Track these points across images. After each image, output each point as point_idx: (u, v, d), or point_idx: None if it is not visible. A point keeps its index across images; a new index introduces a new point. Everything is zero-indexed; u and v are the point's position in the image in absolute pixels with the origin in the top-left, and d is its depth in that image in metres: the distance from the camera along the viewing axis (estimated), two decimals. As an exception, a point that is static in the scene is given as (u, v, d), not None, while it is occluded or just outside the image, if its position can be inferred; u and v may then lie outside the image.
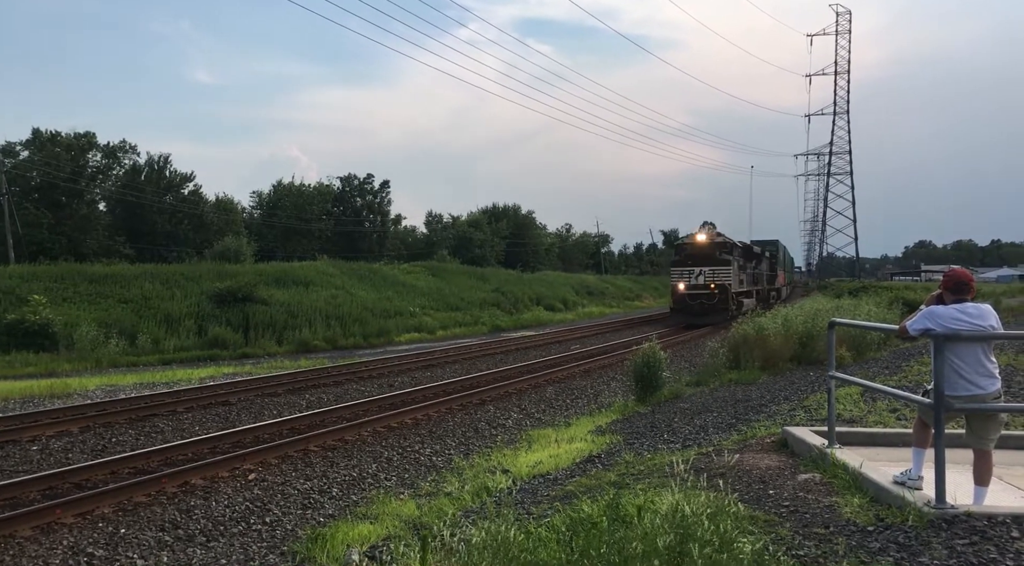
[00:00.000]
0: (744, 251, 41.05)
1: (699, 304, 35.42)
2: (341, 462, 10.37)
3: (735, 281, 36.70)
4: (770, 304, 45.52)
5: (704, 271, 35.65)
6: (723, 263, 35.84)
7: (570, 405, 15.46)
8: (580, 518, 5.03)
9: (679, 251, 38.62)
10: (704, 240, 36.71)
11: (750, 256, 43.06)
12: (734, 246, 37.85)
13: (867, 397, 10.39)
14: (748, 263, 41.83)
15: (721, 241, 36.90)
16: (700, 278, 35.65)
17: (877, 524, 5.02)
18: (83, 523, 7.63)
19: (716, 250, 36.32)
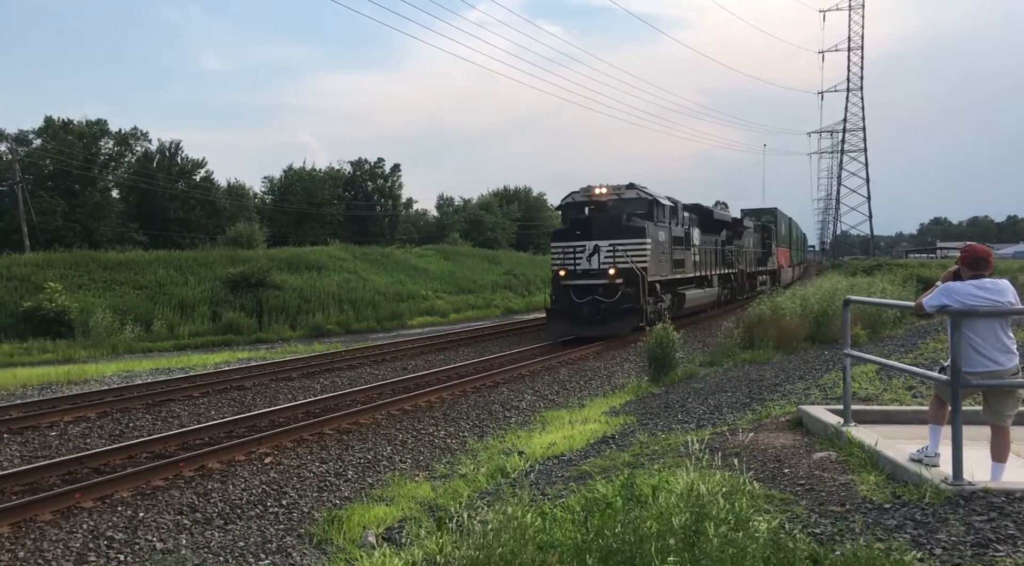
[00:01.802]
0: (697, 217, 27.94)
1: (590, 303, 20.99)
2: (356, 445, 10.42)
3: (661, 262, 22.72)
4: (756, 293, 34.70)
5: (601, 247, 21.27)
6: (632, 233, 21.35)
7: (583, 386, 15.46)
8: (595, 498, 5.03)
9: (564, 215, 23.87)
10: (602, 194, 22.59)
11: (713, 226, 30.20)
12: (658, 205, 23.02)
13: (882, 375, 10.34)
14: (708, 236, 29.25)
15: (633, 197, 22.48)
16: (594, 259, 21.31)
17: (894, 501, 5.00)
18: (102, 507, 7.70)
19: (623, 212, 22.09)
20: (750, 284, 37.76)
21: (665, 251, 23.20)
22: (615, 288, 20.92)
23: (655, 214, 22.58)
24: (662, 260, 22.80)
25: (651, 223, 22.01)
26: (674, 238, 24.13)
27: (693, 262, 26.44)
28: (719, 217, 31.38)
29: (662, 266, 22.85)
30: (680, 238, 24.88)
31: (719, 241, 31.17)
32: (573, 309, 21.15)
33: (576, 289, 21.31)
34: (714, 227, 30.61)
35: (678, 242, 24.63)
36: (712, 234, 30.23)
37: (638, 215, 21.95)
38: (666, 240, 23.35)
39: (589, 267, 21.34)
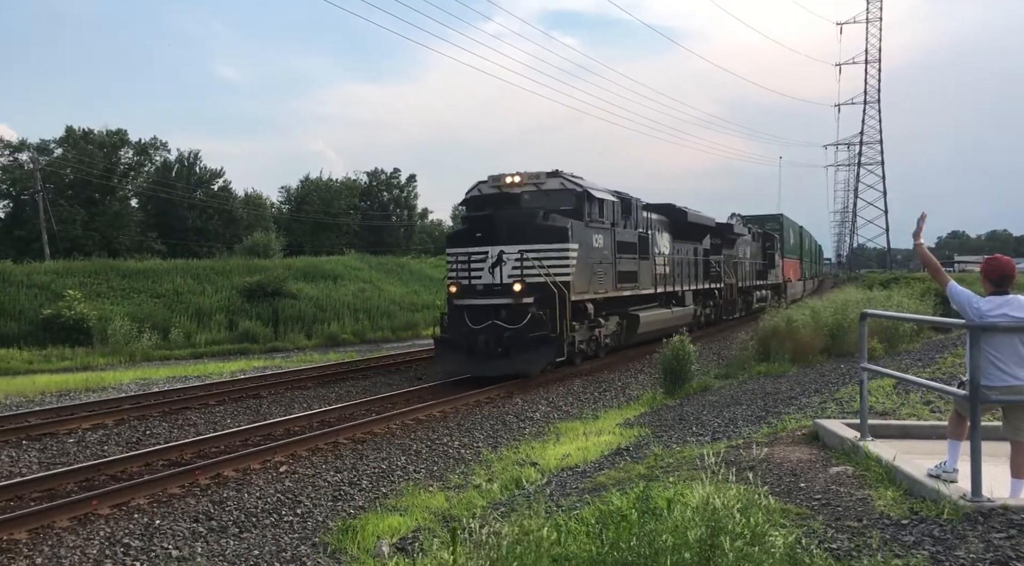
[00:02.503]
0: (666, 220, 23.06)
1: (489, 330, 15.76)
2: (370, 454, 10.44)
3: (596, 275, 17.38)
4: (752, 311, 32.87)
5: (507, 255, 15.96)
6: (550, 236, 16.13)
7: (598, 398, 15.42)
8: (610, 510, 5.02)
9: (468, 212, 18.27)
10: (514, 184, 17.24)
11: (691, 231, 25.02)
12: (591, 199, 17.41)
13: (900, 389, 10.26)
14: (684, 244, 24.37)
15: (557, 188, 17.16)
16: (497, 271, 16.05)
17: (911, 517, 4.96)
18: (119, 514, 7.75)
19: (541, 208, 16.73)
20: (744, 301, 33.07)
21: (604, 260, 17.70)
22: (523, 310, 15.45)
23: (587, 211, 17.06)
24: (598, 272, 17.32)
25: (580, 223, 16.57)
26: (621, 243, 18.72)
27: (656, 275, 21.26)
28: (698, 221, 25.57)
29: (598, 280, 17.37)
30: (632, 244, 19.53)
31: (700, 250, 26.27)
32: (469, 338, 15.62)
33: (472, 311, 15.93)
34: (692, 233, 25.39)
35: (628, 249, 19.32)
36: (689, 241, 25.14)
37: (562, 212, 16.49)
38: (606, 246, 17.85)
39: (492, 281, 15.87)
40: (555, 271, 15.81)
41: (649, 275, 20.81)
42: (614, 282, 18.36)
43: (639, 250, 20.06)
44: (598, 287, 17.50)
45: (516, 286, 15.60)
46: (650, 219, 21.71)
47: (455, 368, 16.34)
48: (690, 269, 25.14)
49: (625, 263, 19.09)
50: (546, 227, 16.15)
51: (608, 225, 18.20)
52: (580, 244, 16.58)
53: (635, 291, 19.73)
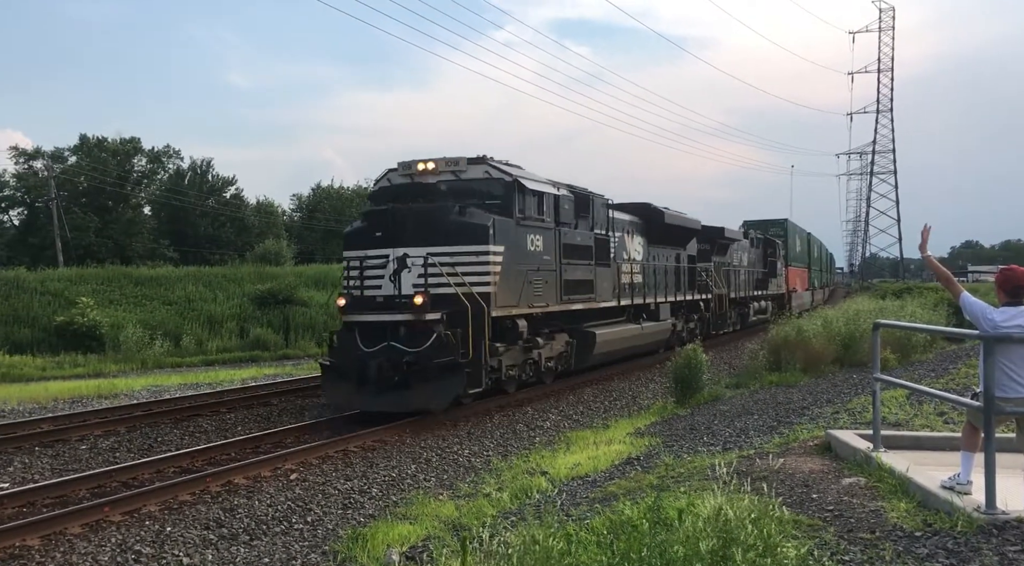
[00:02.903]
0: (640, 221, 20.53)
1: (383, 354, 12.47)
2: (380, 462, 10.44)
3: (532, 285, 14.31)
4: (748, 324, 30.68)
5: (411, 260, 12.78)
6: (465, 235, 13.02)
7: (608, 407, 15.38)
8: (620, 520, 5.01)
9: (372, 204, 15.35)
10: (428, 171, 14.14)
11: (672, 235, 22.35)
12: (523, 190, 14.28)
13: (913, 400, 10.20)
14: (662, 250, 21.87)
15: (481, 177, 14.10)
16: (399, 280, 12.80)
17: (925, 529, 4.92)
18: (130, 521, 7.78)
19: (458, 201, 13.50)
20: (739, 314, 29.96)
21: (544, 267, 14.52)
22: (426, 329, 12.29)
23: (519, 206, 13.84)
24: (535, 281, 14.17)
25: (508, 220, 13.43)
26: (569, 247, 15.53)
27: (621, 284, 18.35)
28: (680, 223, 22.72)
29: (534, 291, 14.17)
30: (586, 248, 16.35)
31: (683, 256, 23.62)
32: (360, 363, 12.37)
33: (365, 329, 12.71)
34: (673, 237, 22.50)
35: (581, 254, 16.12)
36: (669, 246, 22.46)
37: (488, 206, 13.42)
38: (546, 249, 14.64)
39: (393, 293, 12.65)
40: (472, 280, 12.63)
41: (611, 285, 17.73)
42: (558, 293, 15.17)
43: (596, 255, 16.84)
44: (534, 299, 14.23)
45: (417, 298, 12.22)
46: (615, 219, 18.45)
47: (343, 399, 12.97)
48: (669, 278, 22.22)
49: (575, 270, 15.87)
50: (460, 224, 12.84)
51: (550, 224, 14.99)
52: (507, 246, 13.36)
53: (590, 304, 16.56)
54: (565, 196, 15.85)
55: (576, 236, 16.12)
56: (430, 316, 12.37)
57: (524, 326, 14.19)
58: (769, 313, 33.14)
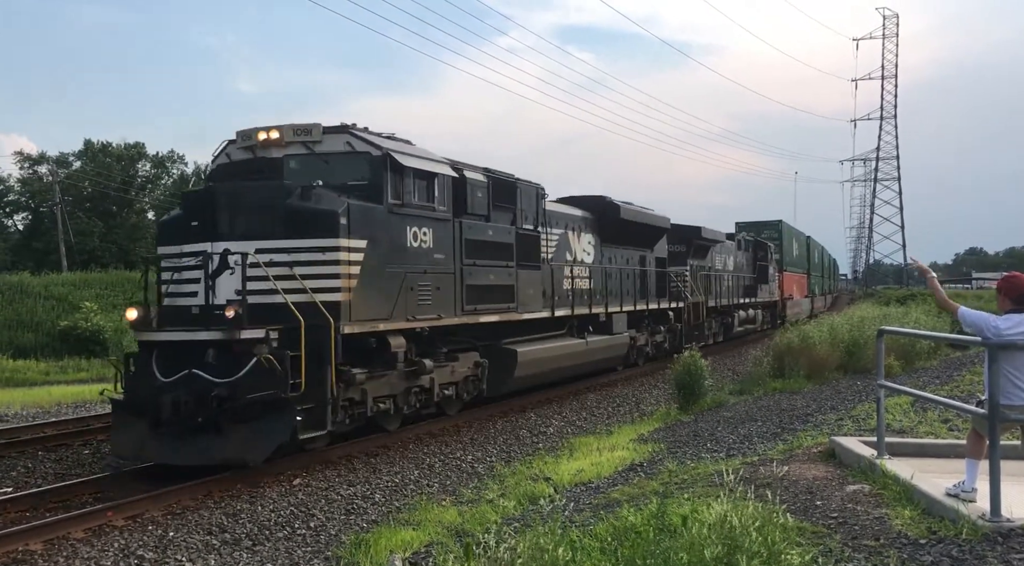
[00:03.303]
0: (591, 217, 17.83)
1: (183, 385, 9.14)
2: (383, 468, 10.44)
3: (410, 293, 11.06)
4: (733, 335, 28.05)
5: (235, 256, 9.48)
6: (309, 227, 9.82)
7: (612, 413, 15.37)
8: (624, 527, 5.00)
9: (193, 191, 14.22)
10: (272, 141, 10.81)
11: (637, 235, 19.80)
12: (395, 168, 10.85)
13: (917, 407, 10.18)
14: (623, 251, 19.27)
15: (342, 151, 10.78)
16: (212, 286, 9.62)
17: (929, 537, 4.91)
18: (133, 526, 7.78)
19: (303, 179, 10.41)
20: (721, 324, 26.90)
21: (434, 269, 11.54)
22: (242, 351, 9.23)
23: (392, 189, 10.82)
24: (419, 287, 11.15)
25: (374, 206, 10.47)
26: (476, 244, 12.60)
27: (562, 291, 15.59)
28: (643, 220, 19.67)
29: (419, 299, 11.18)
30: (504, 246, 13.41)
31: (650, 259, 20.77)
32: (156, 398, 9.19)
33: (165, 352, 9.64)
34: (635, 236, 19.58)
35: (496, 252, 13.15)
36: (630, 246, 19.59)
37: (352, 188, 10.45)
38: (438, 246, 11.69)
39: (208, 302, 9.66)
40: (315, 285, 9.59)
41: (540, 292, 14.69)
42: (458, 302, 12.11)
43: (520, 255, 13.79)
44: (418, 310, 11.17)
45: (229, 311, 9.17)
46: (552, 213, 15.74)
47: (129, 451, 9.66)
48: (629, 284, 19.26)
49: (485, 274, 12.82)
50: (299, 211, 9.77)
51: (445, 214, 11.91)
52: (372, 241, 10.29)
53: (507, 315, 13.45)
54: (473, 181, 12.73)
55: (487, 231, 12.98)
56: (248, 334, 9.09)
57: (402, 345, 10.94)
58: (759, 323, 31.12)
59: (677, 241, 23.13)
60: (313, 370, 9.32)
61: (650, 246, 21.00)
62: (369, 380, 10.52)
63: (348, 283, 9.97)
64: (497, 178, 13.71)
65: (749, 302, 30.10)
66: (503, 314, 13.42)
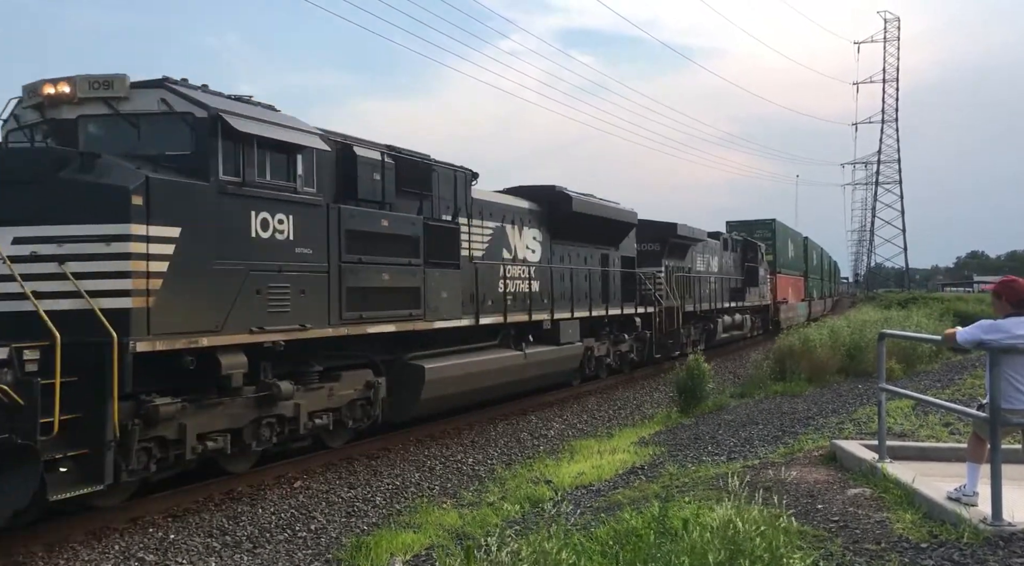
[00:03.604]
0: (539, 210, 15.70)
1: None
2: (384, 470, 10.44)
3: (250, 299, 8.52)
4: (717, 342, 25.44)
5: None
6: (85, 208, 7.38)
7: (612, 416, 15.36)
8: (625, 530, 5.00)
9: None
10: (63, 98, 8.20)
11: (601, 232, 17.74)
12: (226, 133, 8.30)
13: (919, 410, 10.17)
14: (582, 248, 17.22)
15: (154, 112, 8.32)
16: None
17: (931, 541, 4.90)
18: (133, 528, 7.77)
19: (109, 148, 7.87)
20: (702, 330, 24.26)
21: (299, 268, 9.29)
22: None
23: (230, 160, 8.63)
24: (273, 290, 8.93)
25: (198, 183, 8.27)
26: (369, 237, 10.37)
27: (496, 294, 13.61)
28: (604, 214, 17.49)
29: (276, 304, 8.98)
30: (407, 240, 11.09)
31: (615, 258, 18.62)
32: None
33: None
34: (594, 232, 17.32)
35: (397, 248, 10.88)
36: (591, 244, 17.49)
37: (166, 160, 8.33)
38: (309, 237, 9.48)
39: None
40: (95, 286, 7.36)
41: (460, 295, 12.25)
42: (335, 309, 9.67)
43: (430, 252, 11.40)
44: (268, 319, 8.80)
45: None
46: (482, 204, 13.52)
47: None
48: (587, 286, 16.99)
49: (376, 273, 10.38)
50: (74, 186, 7.55)
51: (316, 198, 9.57)
52: (191, 228, 8.02)
53: (408, 324, 10.98)
54: (365, 159, 10.37)
55: (379, 221, 10.47)
56: None
57: (240, 365, 8.51)
58: (747, 329, 28.93)
59: (650, 239, 21.20)
60: (86, 403, 6.98)
61: (614, 244, 18.76)
62: (189, 412, 8.06)
63: (146, 284, 7.55)
64: (404, 159, 11.47)
65: (736, 306, 27.84)
66: (404, 322, 10.90)
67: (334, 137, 10.32)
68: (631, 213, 19.36)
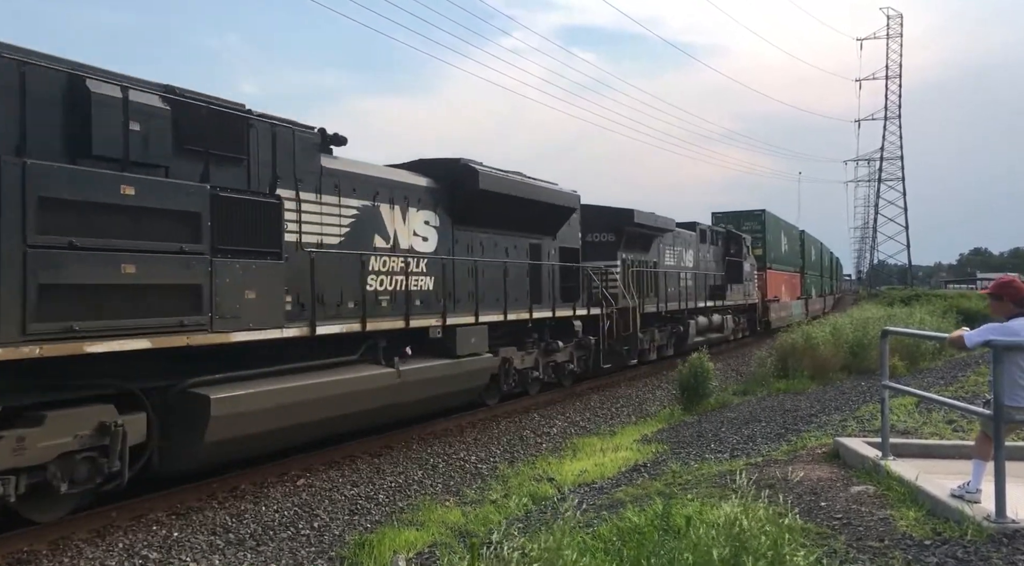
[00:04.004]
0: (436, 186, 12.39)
1: None
2: (387, 468, 10.44)
3: None
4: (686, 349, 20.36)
5: None
6: None
7: (615, 414, 15.36)
8: (628, 527, 5.00)
9: None
10: None
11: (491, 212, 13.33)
12: None
13: (922, 408, 10.16)
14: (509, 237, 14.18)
15: None
16: None
17: (934, 538, 4.90)
18: (137, 526, 7.78)
19: None
20: (670, 332, 21.39)
21: None
22: None
23: None
24: None
25: None
26: (103, 210, 7.19)
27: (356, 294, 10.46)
28: (529, 196, 14.26)
29: None
30: (183, 217, 7.94)
31: (551, 249, 15.61)
32: None
33: None
34: (529, 219, 14.48)
35: (159, 226, 7.68)
36: (521, 233, 14.48)
37: None
38: None
39: None
40: None
41: (281, 295, 9.10)
42: (17, 315, 6.56)
43: (221, 234, 8.32)
44: None
45: None
46: (342, 174, 10.53)
47: None
48: (508, 283, 13.69)
49: (110, 264, 7.26)
50: None
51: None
52: None
53: (181, 338, 7.87)
54: (102, 98, 7.36)
55: (116, 187, 7.27)
56: None
57: None
58: (729, 330, 26.38)
59: (602, 228, 18.33)
60: None
61: (548, 232, 15.44)
62: None
63: None
64: (189, 105, 8.42)
65: (714, 306, 25.03)
66: (169, 336, 7.70)
67: (58, 66, 7.32)
68: (570, 195, 15.92)
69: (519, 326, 14.35)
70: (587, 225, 17.69)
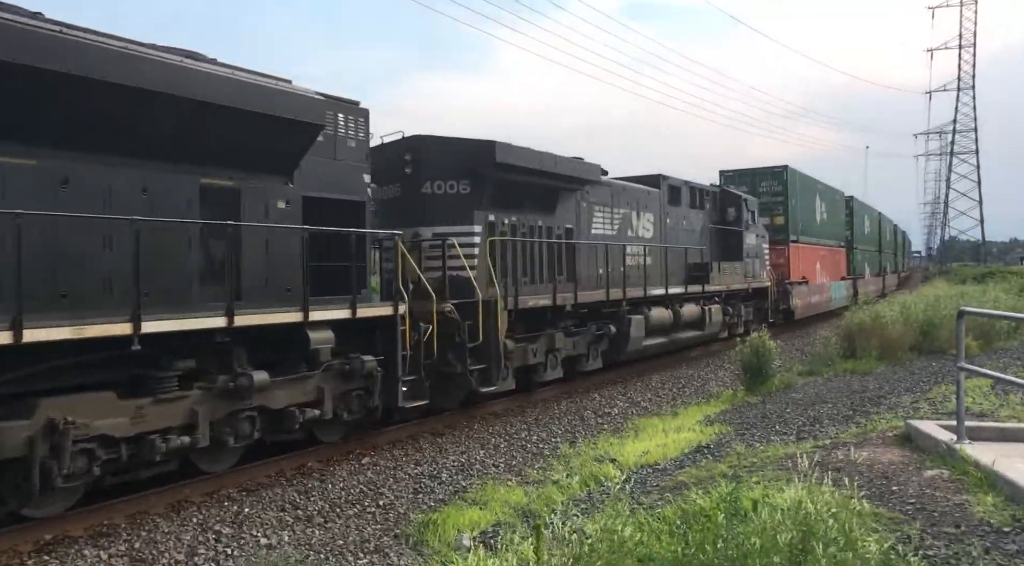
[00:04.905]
0: None
1: None
2: (449, 448, 10.55)
3: None
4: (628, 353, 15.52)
5: None
6: None
7: (677, 394, 15.24)
8: (693, 510, 4.95)
9: None
10: None
11: None
12: None
13: (997, 389, 9.83)
14: None
15: None
16: None
17: (1014, 525, 4.75)
18: (210, 502, 8.02)
19: None
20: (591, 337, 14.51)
21: None
22: None
23: None
24: None
25: None
26: None
27: None
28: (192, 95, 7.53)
29: None
30: None
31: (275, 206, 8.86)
32: None
33: None
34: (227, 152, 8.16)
35: None
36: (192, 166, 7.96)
37: None
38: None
39: None
40: None
41: None
42: None
43: None
44: None
45: None
46: None
47: None
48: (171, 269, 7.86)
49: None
50: None
51: None
52: None
53: None
54: None
55: None
56: None
57: None
58: (716, 325, 19.18)
59: (451, 174, 12.05)
60: None
61: (285, 173, 9.04)
62: None
63: None
64: None
65: (691, 293, 18.20)
66: None
67: None
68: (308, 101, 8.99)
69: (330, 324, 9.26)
70: (425, 167, 12.05)
